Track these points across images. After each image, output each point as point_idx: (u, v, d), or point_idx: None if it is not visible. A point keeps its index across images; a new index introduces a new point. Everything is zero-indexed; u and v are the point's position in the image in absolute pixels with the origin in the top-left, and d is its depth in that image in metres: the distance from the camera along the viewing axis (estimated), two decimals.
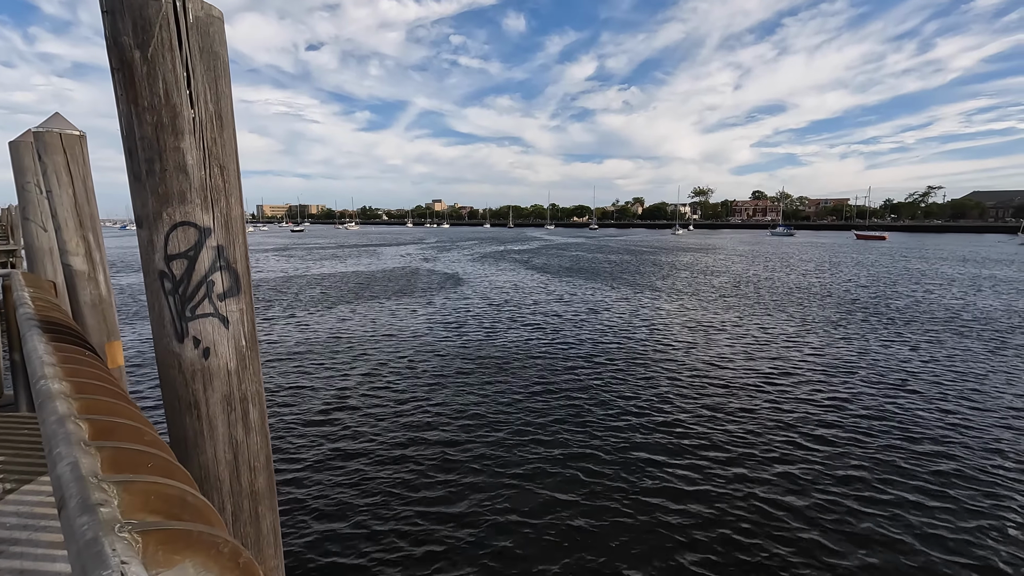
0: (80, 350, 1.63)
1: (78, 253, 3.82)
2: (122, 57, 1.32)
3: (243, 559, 0.72)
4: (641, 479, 5.34)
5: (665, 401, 7.55)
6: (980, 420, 6.85)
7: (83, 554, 0.58)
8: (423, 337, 11.63)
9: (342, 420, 6.82)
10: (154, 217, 1.40)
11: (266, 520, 1.68)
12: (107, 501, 0.69)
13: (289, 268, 29.12)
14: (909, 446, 6.07)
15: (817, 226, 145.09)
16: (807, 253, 42.96)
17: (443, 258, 37.28)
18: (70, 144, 3.67)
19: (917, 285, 20.74)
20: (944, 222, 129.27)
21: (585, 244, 59.45)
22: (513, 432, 6.44)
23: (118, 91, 1.36)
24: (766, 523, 4.60)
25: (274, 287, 20.48)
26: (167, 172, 1.37)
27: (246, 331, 1.59)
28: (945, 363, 9.49)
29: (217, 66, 1.44)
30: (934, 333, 12.02)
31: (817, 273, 26.18)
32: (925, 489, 5.14)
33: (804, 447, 6.05)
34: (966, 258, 35.70)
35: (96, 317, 3.93)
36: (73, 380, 1.22)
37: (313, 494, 5.04)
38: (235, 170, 1.53)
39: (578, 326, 12.93)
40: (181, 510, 0.77)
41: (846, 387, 8.18)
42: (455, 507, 4.82)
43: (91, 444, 0.85)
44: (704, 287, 20.78)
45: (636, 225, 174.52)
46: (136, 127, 1.35)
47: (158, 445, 1.00)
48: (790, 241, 71.32)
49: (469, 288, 20.23)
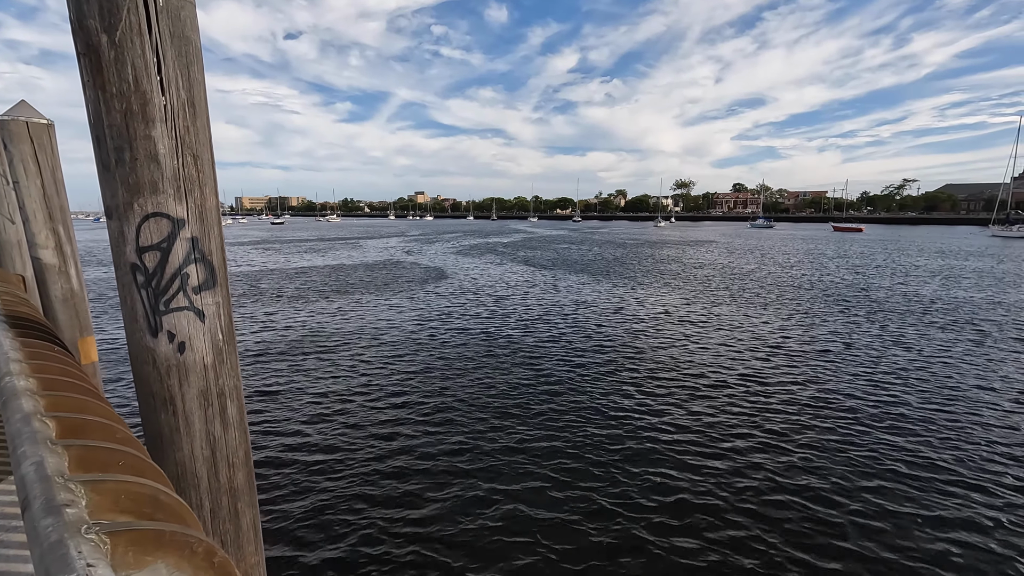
0: (48, 346, 1.58)
1: (48, 246, 3.71)
2: (88, 41, 1.27)
3: (218, 558, 0.70)
4: (636, 475, 5.39)
5: (652, 391, 7.62)
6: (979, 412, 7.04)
7: (47, 557, 0.55)
8: (406, 331, 11.56)
9: (324, 415, 6.76)
10: (124, 208, 1.35)
11: (246, 517, 1.65)
12: (74, 501, 0.66)
13: (269, 261, 28.69)
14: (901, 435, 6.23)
15: (796, 218, 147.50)
16: (787, 245, 43.62)
17: (427, 251, 37.08)
18: (37, 133, 3.55)
19: (906, 277, 21.21)
20: (918, 214, 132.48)
21: (568, 236, 59.58)
22: (496, 424, 6.45)
23: (84, 76, 1.31)
24: (761, 514, 4.68)
25: (253, 281, 20.17)
26: (137, 161, 1.33)
27: (223, 325, 1.55)
28: (934, 356, 9.73)
29: (189, 52, 1.40)
30: (916, 326, 12.31)
31: (798, 266, 26.61)
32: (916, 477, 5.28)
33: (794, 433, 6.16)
34: (944, 251, 36.50)
35: (68, 312, 3.82)
36: (40, 376, 1.18)
37: (295, 490, 4.99)
38: (209, 160, 1.49)
39: (561, 318, 12.97)
40: (153, 509, 0.75)
41: (832, 377, 8.34)
42: (438, 501, 4.81)
43: (58, 443, 0.82)
44: (688, 279, 20.99)
45: (619, 217, 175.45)
46: (104, 114, 1.30)
47: (130, 443, 0.97)
48: (770, 233, 72.34)
49: (453, 282, 20.16)
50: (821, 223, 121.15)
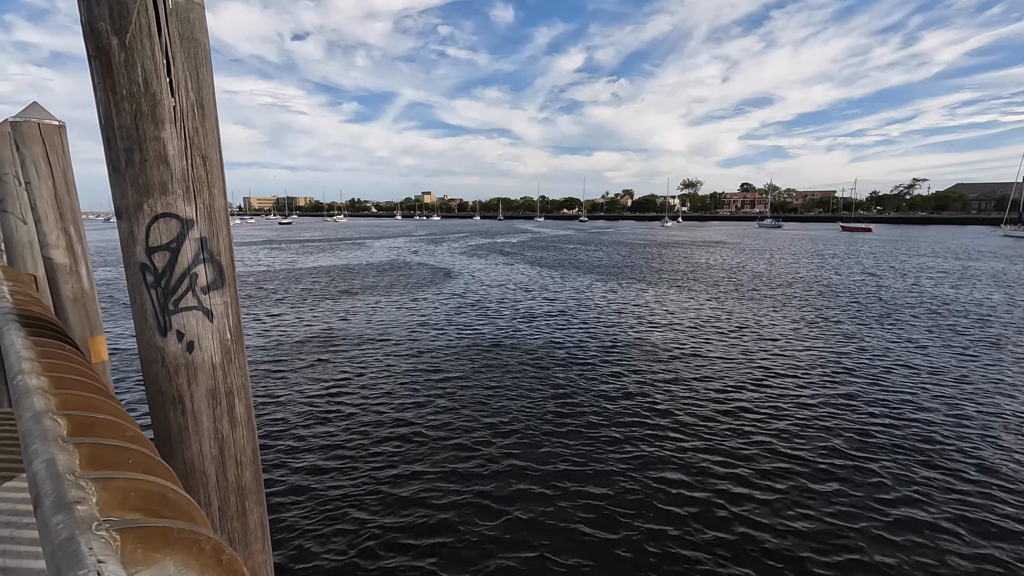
0: (60, 345, 1.60)
1: (59, 246, 3.75)
2: (99, 44, 1.28)
3: (226, 556, 0.71)
4: (647, 477, 5.38)
5: (664, 392, 7.60)
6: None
7: (58, 553, 0.56)
8: (413, 332, 11.59)
9: (331, 414, 6.79)
10: (134, 208, 1.37)
11: (253, 515, 1.66)
12: (84, 499, 0.67)
13: (277, 261, 28.85)
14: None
15: (804, 218, 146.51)
16: (796, 246, 43.32)
17: (434, 252, 37.13)
18: (49, 134, 3.59)
19: (918, 277, 21.02)
20: (928, 214, 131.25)
21: (575, 237, 59.49)
22: (508, 426, 6.45)
23: (95, 79, 1.32)
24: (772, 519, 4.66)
25: (262, 281, 20.29)
26: (147, 162, 1.34)
27: (231, 324, 1.56)
28: (955, 359, 9.64)
29: (198, 53, 1.41)
30: (935, 330, 12.20)
31: (816, 267, 26.42)
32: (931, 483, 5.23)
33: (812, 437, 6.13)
34: (957, 253, 35.99)
35: (78, 311, 3.86)
36: (52, 375, 1.20)
37: (303, 489, 5.01)
38: (218, 160, 1.50)
39: (568, 319, 12.96)
40: (162, 507, 0.76)
41: (843, 380, 8.29)
42: (449, 500, 4.82)
43: (69, 440, 0.83)
44: (698, 281, 20.91)
45: (626, 217, 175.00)
46: (114, 115, 1.32)
47: (139, 441, 0.98)
48: (778, 233, 71.88)
49: (461, 282, 20.19)
50: (830, 223, 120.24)
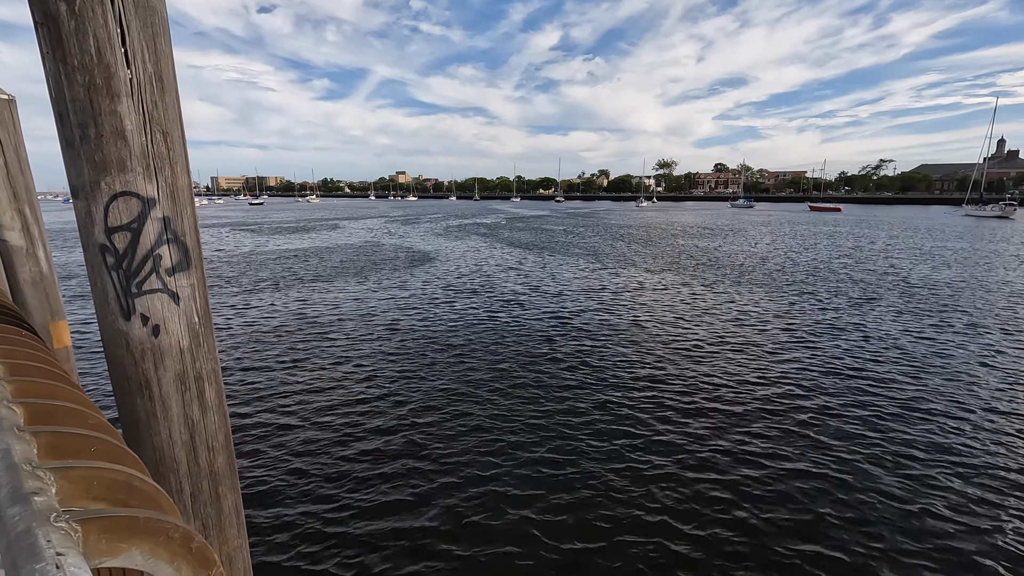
0: (16, 330, 1.53)
1: (14, 228, 3.57)
2: (46, 10, 1.21)
3: (196, 543, 0.69)
4: (626, 458, 5.48)
5: (640, 369, 7.72)
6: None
7: (14, 547, 0.53)
8: (387, 314, 11.49)
9: (307, 398, 6.72)
10: (91, 187, 1.30)
11: (227, 501, 1.64)
12: (42, 489, 0.64)
13: (248, 244, 28.17)
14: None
15: (776, 198, 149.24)
16: (767, 227, 44.08)
17: (409, 233, 36.72)
18: None
19: (888, 258, 21.61)
20: (894, 194, 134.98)
21: (550, 217, 59.48)
22: (482, 409, 6.48)
23: (43, 48, 1.24)
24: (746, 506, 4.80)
25: (232, 263, 19.82)
26: (103, 137, 1.28)
27: (199, 307, 1.52)
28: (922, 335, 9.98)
29: (155, 22, 1.33)
30: (905, 313, 12.59)
31: (781, 247, 26.94)
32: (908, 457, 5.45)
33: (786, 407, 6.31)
34: (920, 228, 37.12)
35: (38, 295, 3.71)
36: (7, 362, 1.14)
37: (280, 473, 4.97)
38: (180, 136, 1.43)
39: (543, 300, 13.01)
40: (128, 496, 0.73)
41: (813, 353, 8.53)
42: (424, 485, 4.84)
43: (26, 429, 0.79)
44: (673, 262, 21.17)
45: (601, 197, 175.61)
46: (66, 88, 1.24)
47: (103, 428, 0.95)
48: (750, 213, 73.08)
49: (437, 264, 20.05)
50: (800, 203, 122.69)
